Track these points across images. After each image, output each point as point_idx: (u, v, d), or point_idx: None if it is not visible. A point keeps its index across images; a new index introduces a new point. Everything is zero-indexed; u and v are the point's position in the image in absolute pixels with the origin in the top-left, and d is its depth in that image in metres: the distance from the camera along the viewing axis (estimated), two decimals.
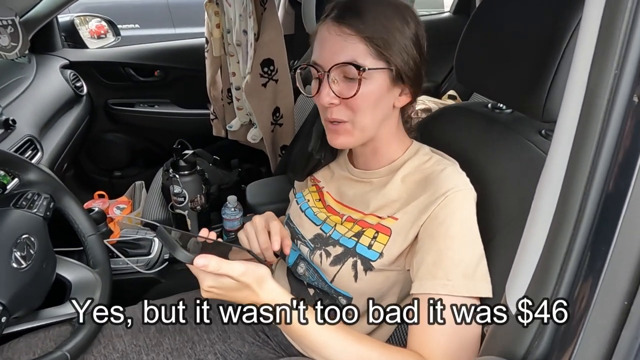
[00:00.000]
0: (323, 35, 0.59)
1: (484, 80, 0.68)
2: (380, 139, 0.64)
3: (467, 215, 0.56)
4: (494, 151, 0.66)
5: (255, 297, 0.52)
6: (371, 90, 0.57)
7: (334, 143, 0.62)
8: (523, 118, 0.69)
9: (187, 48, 1.81)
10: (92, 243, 0.77)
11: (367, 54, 0.55)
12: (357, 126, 0.59)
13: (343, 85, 0.58)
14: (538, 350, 0.26)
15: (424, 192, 0.59)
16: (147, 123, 1.79)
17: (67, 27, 1.74)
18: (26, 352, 0.64)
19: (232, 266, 0.49)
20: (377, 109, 0.59)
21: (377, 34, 0.55)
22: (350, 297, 0.63)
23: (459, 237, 0.55)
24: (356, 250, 0.62)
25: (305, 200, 0.74)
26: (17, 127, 1.03)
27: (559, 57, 0.49)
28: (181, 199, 1.13)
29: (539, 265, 0.27)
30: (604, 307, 0.23)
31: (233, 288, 0.51)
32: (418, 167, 0.63)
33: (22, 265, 0.60)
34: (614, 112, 0.23)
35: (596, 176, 0.24)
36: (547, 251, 0.27)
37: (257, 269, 0.51)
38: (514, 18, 0.60)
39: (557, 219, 0.27)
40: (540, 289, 0.27)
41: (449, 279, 0.53)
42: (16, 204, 0.67)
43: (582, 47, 0.27)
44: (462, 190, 0.57)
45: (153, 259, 1.08)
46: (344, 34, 0.56)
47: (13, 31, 0.88)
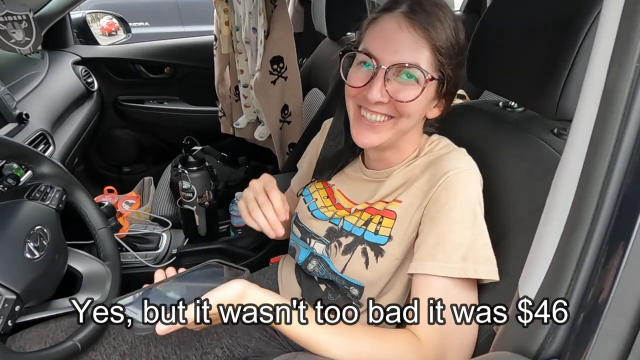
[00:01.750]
0: (390, 27, 0.54)
1: (496, 78, 0.67)
2: (402, 143, 0.63)
3: (470, 196, 0.55)
4: (504, 150, 0.65)
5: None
6: (421, 98, 0.56)
7: (364, 140, 0.59)
8: (535, 117, 0.69)
9: (196, 45, 1.82)
10: (103, 236, 0.77)
11: (430, 63, 0.54)
12: (397, 127, 0.58)
13: (397, 86, 0.55)
14: (552, 346, 0.26)
15: (426, 173, 0.59)
16: (156, 120, 1.80)
17: (79, 24, 1.76)
18: (38, 341, 0.65)
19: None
20: (418, 117, 0.59)
21: (444, 45, 0.54)
22: (362, 286, 0.63)
23: (460, 220, 0.54)
24: (364, 237, 0.62)
25: (313, 200, 0.74)
26: (30, 121, 1.05)
27: (574, 54, 0.49)
28: (190, 194, 1.13)
29: (552, 264, 0.27)
30: (621, 305, 0.23)
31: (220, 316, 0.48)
32: (424, 151, 0.63)
33: (35, 256, 0.61)
34: (635, 106, 0.23)
35: (614, 173, 0.24)
36: (562, 249, 0.27)
37: (230, 289, 0.48)
38: (526, 15, 0.60)
39: (572, 217, 0.26)
40: (554, 287, 0.27)
41: (447, 261, 0.52)
42: (30, 195, 0.68)
43: (601, 41, 0.26)
44: (465, 170, 0.56)
45: (161, 254, 1.10)
46: (416, 35, 0.53)
47: (27, 26, 0.89)
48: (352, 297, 0.65)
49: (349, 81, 0.59)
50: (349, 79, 0.59)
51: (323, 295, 0.69)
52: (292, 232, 0.75)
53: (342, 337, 0.52)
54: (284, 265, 0.82)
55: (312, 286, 0.71)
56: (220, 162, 1.48)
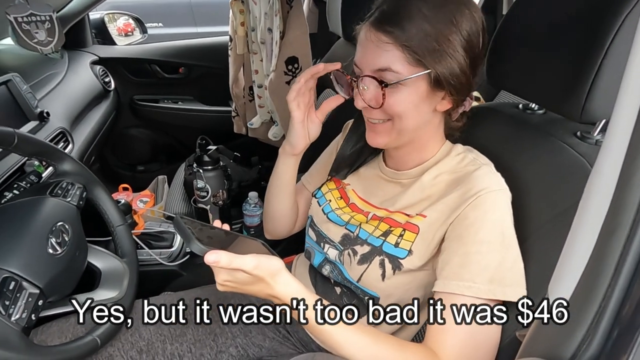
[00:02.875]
0: (361, 38, 0.58)
1: (517, 80, 0.66)
2: (419, 141, 0.63)
3: (500, 217, 0.55)
4: (525, 154, 0.64)
5: (269, 289, 0.51)
6: (408, 96, 0.56)
7: (372, 142, 0.62)
8: (556, 119, 0.68)
9: (211, 46, 1.84)
10: (121, 233, 0.79)
11: (403, 61, 0.54)
12: (396, 127, 0.59)
13: (375, 93, 0.57)
14: (587, 354, 0.25)
15: (455, 191, 0.58)
16: (170, 119, 1.83)
17: (97, 24, 1.79)
18: (59, 335, 0.66)
19: (243, 260, 0.48)
20: (418, 113, 0.58)
21: (416, 41, 0.53)
22: (378, 297, 0.63)
23: (487, 241, 0.53)
24: (383, 248, 0.61)
25: (327, 202, 0.73)
26: (50, 119, 1.07)
27: (601, 55, 0.48)
28: (204, 193, 1.14)
29: (589, 265, 0.26)
30: None
31: (247, 282, 0.51)
32: (450, 167, 0.62)
33: (57, 252, 0.62)
34: None
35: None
36: (598, 253, 0.26)
37: (270, 262, 0.50)
38: (551, 15, 0.58)
39: (609, 220, 0.26)
40: (590, 292, 0.26)
41: (474, 281, 0.52)
42: (52, 192, 0.69)
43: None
44: (495, 190, 0.56)
45: (175, 252, 1.11)
46: (380, 42, 0.54)
47: (50, 27, 0.91)
48: (367, 306, 0.64)
49: (343, 94, 0.64)
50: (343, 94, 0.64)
51: (338, 298, 0.69)
52: (308, 235, 0.75)
53: (365, 340, 0.52)
54: (298, 265, 0.82)
55: (328, 289, 0.71)
56: (233, 162, 1.49)
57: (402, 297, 0.62)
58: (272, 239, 0.87)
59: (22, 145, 0.67)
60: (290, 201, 0.79)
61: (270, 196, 0.80)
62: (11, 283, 0.53)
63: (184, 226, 0.50)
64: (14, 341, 0.50)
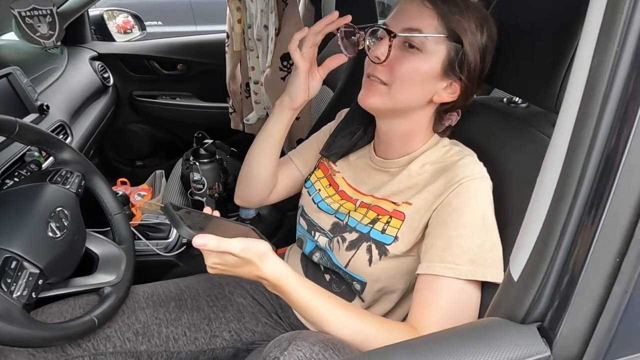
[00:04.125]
0: (404, 4, 0.60)
1: (501, 74, 0.69)
2: (409, 128, 0.65)
3: (481, 204, 0.57)
4: (508, 145, 0.67)
5: (258, 271, 0.53)
6: (419, 63, 0.58)
7: (363, 101, 0.63)
8: (537, 112, 0.70)
9: (209, 43, 1.86)
10: (118, 221, 0.81)
11: (435, 28, 0.57)
12: (391, 92, 0.60)
13: (400, 52, 0.59)
14: (537, 310, 0.28)
15: (439, 179, 0.60)
16: (169, 115, 1.85)
17: (97, 21, 1.82)
18: (58, 316, 0.69)
19: (231, 243, 0.50)
20: (416, 89, 0.60)
21: (456, 17, 0.57)
22: (365, 282, 0.65)
23: (469, 225, 0.56)
24: (370, 235, 0.64)
25: (316, 191, 0.75)
26: (50, 112, 1.09)
27: (572, 51, 0.51)
28: (200, 186, 1.17)
29: (540, 236, 0.29)
30: (597, 266, 0.25)
31: (236, 264, 0.53)
32: (437, 157, 0.65)
33: (57, 235, 0.65)
34: (614, 88, 0.25)
35: (594, 150, 0.26)
36: (548, 221, 0.29)
37: (258, 245, 0.53)
38: (530, 11, 0.61)
39: (558, 191, 0.29)
40: (540, 258, 0.29)
41: (456, 263, 0.55)
42: (51, 179, 0.72)
43: (588, 32, 0.29)
44: (478, 178, 0.58)
45: (172, 243, 1.13)
46: (423, 5, 0.57)
47: (51, 20, 0.94)
48: (355, 291, 0.67)
49: (349, 52, 0.65)
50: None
51: (327, 285, 0.72)
52: (299, 224, 0.77)
53: (348, 315, 0.55)
54: (291, 254, 0.84)
55: (318, 276, 0.74)
56: (230, 157, 1.52)
57: (389, 282, 0.65)
58: (242, 205, 0.85)
59: (23, 133, 0.69)
60: (272, 166, 0.75)
61: (252, 156, 0.75)
62: (13, 262, 0.56)
63: (173, 212, 0.51)
64: (16, 316, 0.52)
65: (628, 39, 0.24)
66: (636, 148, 0.24)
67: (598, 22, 0.27)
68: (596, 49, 0.27)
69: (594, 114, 0.26)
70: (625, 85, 0.25)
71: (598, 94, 0.26)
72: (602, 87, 0.26)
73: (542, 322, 0.28)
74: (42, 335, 0.55)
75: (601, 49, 0.26)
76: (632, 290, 0.24)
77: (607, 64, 0.26)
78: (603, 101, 0.25)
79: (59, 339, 0.58)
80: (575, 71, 0.29)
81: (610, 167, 0.25)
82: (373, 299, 0.67)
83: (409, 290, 0.67)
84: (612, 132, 0.25)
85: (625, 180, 0.24)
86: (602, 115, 0.25)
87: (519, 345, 0.27)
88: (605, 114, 0.25)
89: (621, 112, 0.25)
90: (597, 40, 0.27)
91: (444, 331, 0.32)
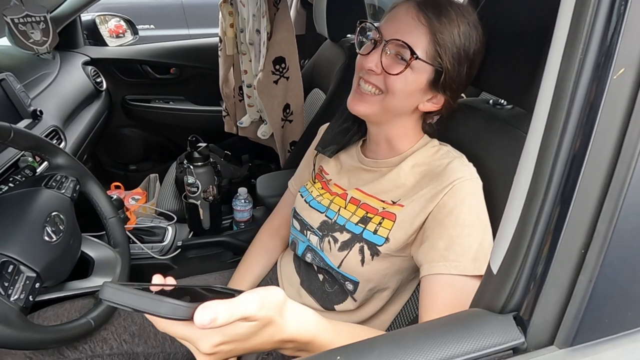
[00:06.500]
0: (400, 11, 0.61)
1: (487, 77, 0.71)
2: (396, 132, 0.67)
3: (475, 202, 0.59)
4: (494, 146, 0.69)
5: (280, 333, 0.37)
6: (411, 80, 0.61)
7: (353, 107, 0.65)
8: (521, 113, 0.73)
9: (202, 47, 1.88)
10: (113, 225, 0.82)
11: (425, 49, 0.59)
12: (384, 103, 0.63)
13: (390, 61, 0.61)
14: (513, 301, 0.30)
15: (430, 182, 0.62)
16: (162, 119, 1.86)
17: (89, 26, 1.82)
18: (54, 319, 0.69)
19: (246, 304, 0.33)
20: (406, 100, 0.63)
21: (445, 38, 0.59)
22: (357, 282, 0.66)
23: (468, 224, 0.57)
24: (363, 236, 0.65)
25: (309, 193, 0.77)
26: (43, 117, 1.10)
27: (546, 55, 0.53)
28: (194, 189, 1.18)
29: (515, 232, 0.31)
30: (565, 258, 0.27)
31: (249, 334, 0.35)
32: (426, 158, 0.66)
33: (52, 239, 0.66)
34: (578, 92, 0.28)
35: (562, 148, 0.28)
36: (523, 218, 0.31)
37: (272, 293, 0.37)
38: (513, 15, 0.64)
39: (531, 190, 0.31)
40: (516, 253, 0.31)
41: (459, 261, 0.56)
42: (47, 184, 0.73)
43: (557, 40, 0.31)
44: (469, 179, 0.60)
45: (166, 246, 1.14)
46: (418, 21, 0.59)
47: (44, 27, 0.94)
48: (347, 290, 0.68)
49: (359, 50, 0.66)
50: (360, 50, 0.66)
51: (320, 285, 0.73)
52: (292, 226, 0.78)
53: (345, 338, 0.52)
54: (284, 256, 0.85)
55: (312, 275, 0.75)
56: (224, 160, 1.53)
57: (381, 281, 0.66)
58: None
59: (17, 139, 0.70)
60: (274, 261, 0.84)
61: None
62: (9, 266, 0.57)
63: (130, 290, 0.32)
64: (13, 319, 0.53)
65: (590, 48, 0.27)
66: (597, 148, 0.26)
67: (564, 33, 0.29)
68: (563, 56, 0.29)
69: (561, 117, 0.28)
70: (588, 89, 0.27)
71: (565, 97, 0.28)
72: (568, 92, 0.28)
73: (518, 312, 0.30)
74: (39, 337, 0.55)
75: (567, 56, 0.29)
76: (596, 279, 0.26)
77: (572, 70, 0.28)
78: (569, 105, 0.28)
79: (56, 342, 0.59)
80: (546, 76, 0.31)
81: (576, 168, 0.27)
82: (365, 298, 0.68)
83: (400, 288, 0.68)
84: (577, 134, 0.27)
85: (588, 179, 0.26)
86: (569, 117, 0.28)
87: (495, 334, 0.29)
88: (571, 117, 0.27)
89: (584, 116, 0.27)
90: (564, 48, 0.29)
91: (428, 322, 0.34)
